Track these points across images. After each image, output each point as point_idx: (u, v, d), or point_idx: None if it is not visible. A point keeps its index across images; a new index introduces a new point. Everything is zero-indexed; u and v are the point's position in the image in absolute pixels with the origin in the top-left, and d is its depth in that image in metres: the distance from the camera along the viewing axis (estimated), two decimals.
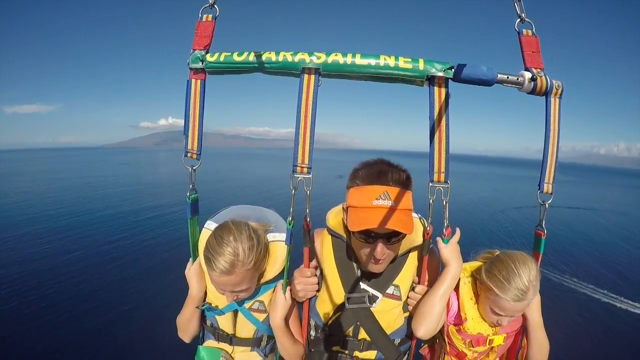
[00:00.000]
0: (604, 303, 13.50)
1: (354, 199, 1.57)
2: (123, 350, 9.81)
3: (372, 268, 1.67)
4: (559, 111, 1.46)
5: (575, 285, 14.74)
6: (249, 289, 1.69)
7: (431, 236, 1.66)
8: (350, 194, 1.61)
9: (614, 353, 10.69)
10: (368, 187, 1.54)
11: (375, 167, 1.59)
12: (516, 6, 1.40)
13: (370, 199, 1.51)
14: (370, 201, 1.51)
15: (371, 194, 1.52)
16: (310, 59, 1.40)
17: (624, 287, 15.03)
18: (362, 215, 1.51)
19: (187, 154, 1.54)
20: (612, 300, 13.76)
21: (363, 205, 1.53)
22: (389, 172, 1.56)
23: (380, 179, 1.54)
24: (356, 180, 1.60)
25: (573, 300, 13.60)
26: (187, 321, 1.85)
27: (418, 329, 1.68)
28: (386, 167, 1.59)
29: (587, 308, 13.10)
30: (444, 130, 1.44)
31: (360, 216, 1.51)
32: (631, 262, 19.31)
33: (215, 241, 1.58)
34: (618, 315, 12.77)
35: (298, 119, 1.41)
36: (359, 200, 1.54)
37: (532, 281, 1.56)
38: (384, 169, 1.57)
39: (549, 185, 1.51)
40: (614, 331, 11.77)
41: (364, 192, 1.54)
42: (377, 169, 1.58)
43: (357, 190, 1.57)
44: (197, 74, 1.49)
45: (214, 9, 1.47)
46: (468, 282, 1.79)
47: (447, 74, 1.40)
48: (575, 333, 10.96)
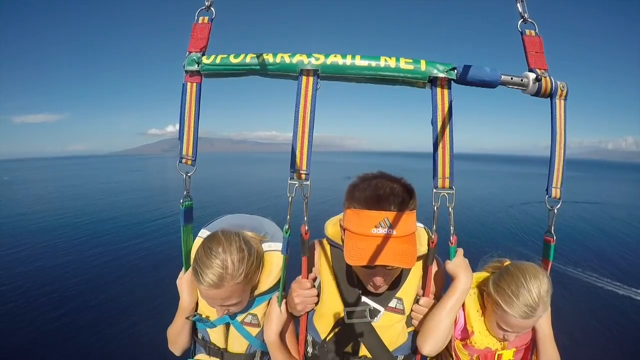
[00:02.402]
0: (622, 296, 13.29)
1: (351, 223, 1.47)
2: None
3: (372, 290, 1.61)
4: (564, 113, 1.43)
5: (589, 279, 14.50)
6: (240, 302, 1.61)
7: (436, 245, 1.57)
8: (347, 216, 1.51)
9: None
10: (366, 213, 1.42)
11: (375, 189, 1.46)
12: (518, 6, 1.37)
13: (369, 227, 1.40)
14: (369, 229, 1.40)
15: (369, 220, 1.41)
16: (309, 60, 1.37)
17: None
18: (359, 246, 1.41)
19: (181, 160, 1.50)
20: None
21: (361, 233, 1.42)
22: (390, 196, 1.43)
23: (380, 204, 1.41)
24: (353, 202, 1.48)
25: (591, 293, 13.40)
26: (177, 333, 1.78)
27: (424, 346, 1.57)
28: (387, 187, 1.45)
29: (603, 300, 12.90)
30: (447, 133, 1.39)
31: (358, 247, 1.40)
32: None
33: (203, 252, 1.51)
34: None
35: (296, 122, 1.37)
36: (357, 226, 1.44)
37: (543, 297, 1.48)
38: (384, 192, 1.43)
39: (557, 189, 1.46)
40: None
41: (362, 218, 1.43)
42: (376, 190, 1.45)
43: (355, 214, 1.46)
44: (193, 77, 1.47)
45: (210, 11, 1.45)
46: (474, 294, 1.72)
47: (450, 75, 1.37)
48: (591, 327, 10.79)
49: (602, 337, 10.39)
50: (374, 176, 1.54)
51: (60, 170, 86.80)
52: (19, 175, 73.01)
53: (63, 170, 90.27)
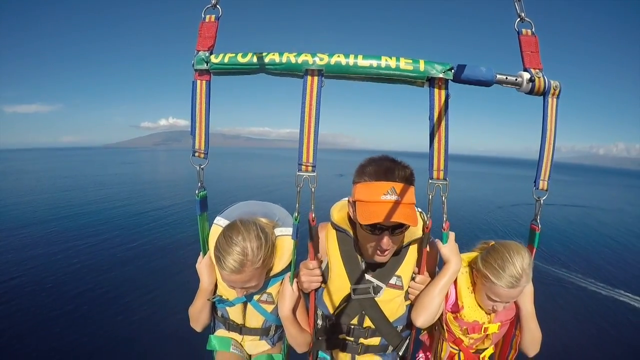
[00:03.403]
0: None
1: (362, 193, 1.64)
2: (142, 343, 9.77)
3: (378, 259, 1.76)
4: (556, 111, 1.49)
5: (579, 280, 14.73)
6: (257, 284, 1.77)
7: (430, 230, 1.74)
8: (357, 189, 1.68)
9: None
10: (376, 184, 1.61)
11: (382, 164, 1.66)
12: (516, 5, 1.41)
13: (379, 194, 1.59)
14: (378, 196, 1.59)
15: (379, 189, 1.59)
16: (314, 60, 1.43)
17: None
18: (371, 209, 1.59)
19: (194, 154, 1.56)
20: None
21: (372, 200, 1.60)
22: (395, 169, 1.63)
23: (387, 176, 1.61)
24: (364, 176, 1.66)
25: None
26: (199, 312, 1.94)
27: (417, 319, 1.78)
28: (392, 164, 1.66)
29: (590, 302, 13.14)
30: (443, 130, 1.49)
31: (370, 210, 1.59)
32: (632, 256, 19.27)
33: (224, 241, 1.65)
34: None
35: (302, 119, 1.45)
36: (368, 195, 1.61)
37: (525, 269, 1.65)
38: (391, 166, 1.64)
39: (545, 182, 1.55)
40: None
41: (372, 188, 1.61)
42: (384, 166, 1.65)
43: (365, 186, 1.64)
44: (202, 75, 1.51)
45: (216, 9, 1.47)
46: (465, 272, 1.88)
47: (447, 75, 1.44)
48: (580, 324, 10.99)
49: (582, 336, 10.59)
50: (379, 157, 1.73)
51: (53, 161, 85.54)
52: (11, 165, 71.91)
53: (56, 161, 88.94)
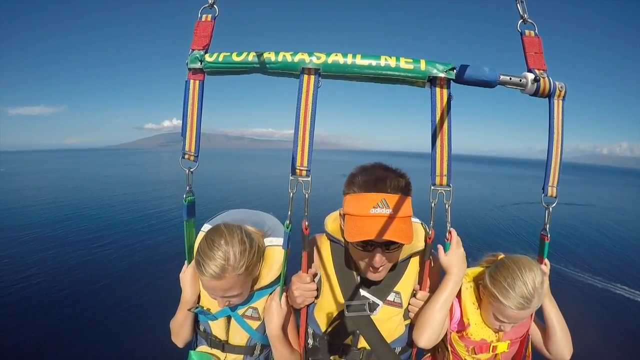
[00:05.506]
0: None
1: (350, 206, 1.53)
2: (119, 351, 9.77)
3: (371, 277, 1.64)
4: (562, 113, 1.44)
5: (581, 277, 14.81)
6: (241, 294, 1.64)
7: (433, 241, 1.61)
8: (346, 201, 1.57)
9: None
10: (365, 195, 1.50)
11: (373, 173, 1.55)
12: (518, 7, 1.38)
13: (368, 208, 1.47)
14: (367, 210, 1.47)
15: (368, 202, 1.48)
16: (310, 59, 1.39)
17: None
18: (359, 224, 1.47)
19: (184, 156, 1.52)
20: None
21: (360, 214, 1.48)
22: (387, 178, 1.51)
23: (377, 186, 1.49)
24: (353, 187, 1.55)
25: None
26: (180, 325, 1.83)
27: (419, 338, 1.62)
28: (384, 172, 1.55)
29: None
30: (445, 132, 1.42)
31: (357, 225, 1.47)
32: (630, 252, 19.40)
33: (206, 244, 1.54)
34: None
35: (297, 120, 1.40)
36: (356, 208, 1.50)
37: (537, 288, 1.51)
38: (382, 175, 1.53)
39: (554, 188, 1.49)
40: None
41: (360, 200, 1.50)
42: (374, 175, 1.53)
43: (354, 198, 1.53)
44: (196, 75, 1.48)
45: (213, 9, 1.46)
46: (470, 287, 1.75)
47: (449, 75, 1.39)
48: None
49: (579, 326, 10.66)
50: (371, 166, 1.62)
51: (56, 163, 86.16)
52: (16, 167, 72.45)
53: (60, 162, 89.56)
